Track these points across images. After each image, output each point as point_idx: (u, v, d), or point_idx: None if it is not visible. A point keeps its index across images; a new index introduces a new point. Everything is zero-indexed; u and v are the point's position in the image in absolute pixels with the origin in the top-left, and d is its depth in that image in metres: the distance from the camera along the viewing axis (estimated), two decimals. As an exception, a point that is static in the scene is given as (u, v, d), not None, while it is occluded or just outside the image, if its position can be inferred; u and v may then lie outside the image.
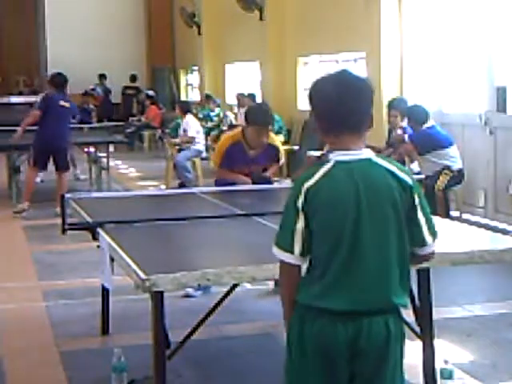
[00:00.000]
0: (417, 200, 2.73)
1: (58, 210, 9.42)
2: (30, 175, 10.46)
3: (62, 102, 10.35)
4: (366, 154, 2.72)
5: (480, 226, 7.08)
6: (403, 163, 9.08)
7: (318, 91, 2.77)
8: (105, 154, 12.35)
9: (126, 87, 22.55)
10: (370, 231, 2.65)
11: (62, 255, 7.91)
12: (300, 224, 2.68)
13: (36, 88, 23.84)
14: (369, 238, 2.65)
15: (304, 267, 2.74)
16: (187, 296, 6.16)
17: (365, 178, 2.67)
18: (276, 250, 2.76)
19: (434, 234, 2.81)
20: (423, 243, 2.79)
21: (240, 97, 15.05)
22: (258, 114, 6.04)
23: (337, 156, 2.70)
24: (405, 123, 8.98)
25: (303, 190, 2.67)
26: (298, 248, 2.69)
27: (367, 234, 2.65)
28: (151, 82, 23.95)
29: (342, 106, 2.69)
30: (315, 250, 2.70)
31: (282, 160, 6.36)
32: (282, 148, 6.51)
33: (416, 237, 2.76)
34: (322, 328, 2.67)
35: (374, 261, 2.66)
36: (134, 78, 22.61)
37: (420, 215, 2.74)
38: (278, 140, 6.49)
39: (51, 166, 10.54)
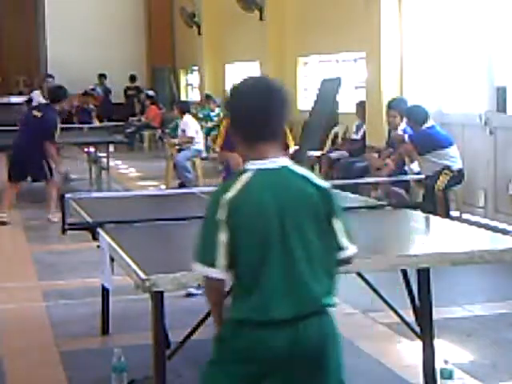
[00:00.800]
0: (335, 205, 2.72)
1: (51, 216, 9.55)
2: (7, 188, 10.13)
3: (34, 112, 10.16)
4: (283, 162, 2.71)
5: (480, 225, 7.07)
6: (403, 163, 9.09)
7: (236, 99, 2.75)
8: (105, 154, 12.35)
9: (128, 88, 22.55)
10: (296, 238, 2.64)
11: (62, 255, 7.91)
12: (223, 237, 2.62)
13: (36, 88, 23.80)
14: (296, 245, 2.63)
15: (229, 282, 2.69)
16: (189, 295, 6.15)
17: (285, 186, 2.66)
18: (199, 267, 2.68)
19: (351, 237, 2.77)
20: (341, 247, 2.75)
21: None
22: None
23: (255, 165, 2.68)
24: (404, 124, 8.98)
25: (224, 201, 2.62)
26: (222, 261, 2.63)
27: (294, 240, 2.63)
28: (151, 82, 23.95)
29: (261, 114, 2.67)
30: (242, 262, 2.64)
31: (292, 148, 6.29)
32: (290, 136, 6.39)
33: (335, 241, 2.73)
34: (261, 339, 2.63)
35: (304, 265, 2.64)
36: (133, 78, 22.60)
37: (338, 221, 2.72)
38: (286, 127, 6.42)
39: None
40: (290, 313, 2.63)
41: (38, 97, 16.54)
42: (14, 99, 19.31)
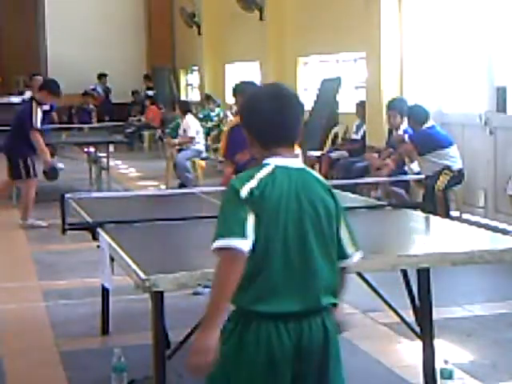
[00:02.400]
0: (341, 211, 2.79)
1: (31, 221, 9.51)
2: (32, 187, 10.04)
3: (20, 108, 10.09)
4: (300, 163, 2.78)
5: (480, 225, 7.07)
6: (403, 163, 9.09)
7: (253, 106, 2.78)
8: (105, 154, 12.35)
9: (148, 88, 22.61)
10: (311, 234, 2.69)
11: (62, 255, 7.91)
12: (248, 216, 2.60)
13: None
14: (310, 241, 2.68)
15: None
16: (196, 294, 6.13)
17: (303, 185, 2.71)
18: (220, 241, 2.59)
19: (356, 245, 2.83)
20: (345, 256, 2.80)
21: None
22: (250, 84, 6.14)
23: (275, 161, 2.72)
24: (405, 125, 8.98)
25: (246, 189, 2.63)
26: (249, 232, 2.59)
27: (309, 236, 2.68)
28: (151, 81, 23.94)
29: (280, 120, 2.72)
30: (258, 247, 2.63)
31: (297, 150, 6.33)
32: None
33: (342, 248, 2.79)
34: (268, 334, 2.63)
35: (314, 263, 2.68)
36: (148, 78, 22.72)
37: (343, 227, 2.79)
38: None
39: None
40: (291, 308, 2.65)
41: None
42: (14, 99, 19.27)
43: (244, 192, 2.62)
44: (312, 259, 2.68)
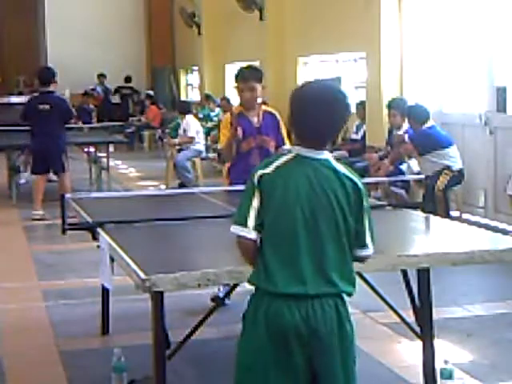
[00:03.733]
0: (365, 204, 2.89)
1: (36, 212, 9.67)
2: (36, 182, 10.30)
3: (40, 106, 10.14)
4: (327, 155, 2.89)
5: (480, 225, 7.08)
6: (400, 163, 9.09)
7: (290, 102, 2.97)
8: (105, 154, 12.35)
9: (120, 87, 22.50)
10: (321, 221, 2.81)
11: (62, 255, 7.91)
12: (255, 202, 2.85)
13: (36, 88, 23.79)
14: (321, 227, 2.81)
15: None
16: (214, 299, 5.91)
17: (317, 173, 2.84)
18: (232, 228, 2.90)
19: (373, 238, 2.97)
20: (364, 245, 2.94)
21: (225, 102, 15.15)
22: (242, 70, 6.19)
23: (299, 150, 2.88)
24: (405, 125, 8.98)
25: (259, 174, 2.86)
26: (251, 222, 2.85)
27: (319, 222, 2.81)
28: (151, 82, 23.95)
29: (304, 120, 2.89)
30: (266, 231, 2.84)
31: (284, 133, 6.32)
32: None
33: (359, 238, 2.91)
34: (276, 311, 2.79)
35: (323, 248, 2.82)
36: (128, 80, 22.57)
37: (366, 219, 2.90)
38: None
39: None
40: (304, 289, 2.78)
41: None
42: (14, 99, 19.27)
43: (256, 177, 2.85)
44: (321, 244, 2.81)
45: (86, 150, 13.21)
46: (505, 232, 7.39)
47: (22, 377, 4.85)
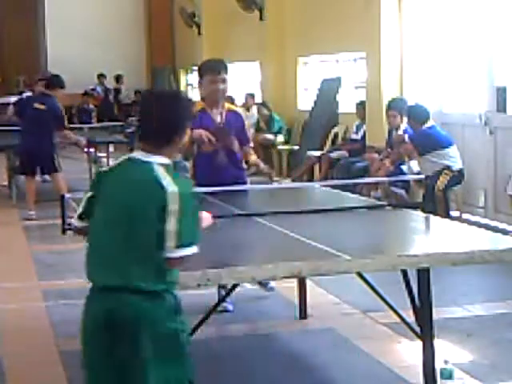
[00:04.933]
0: (172, 207, 2.97)
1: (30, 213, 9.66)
2: (27, 184, 10.26)
3: (36, 105, 10.12)
4: (157, 159, 3.06)
5: (480, 225, 7.09)
6: (400, 163, 9.09)
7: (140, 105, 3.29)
8: (105, 154, 12.36)
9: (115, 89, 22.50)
10: (119, 220, 3.01)
11: (62, 255, 7.91)
12: (89, 197, 3.16)
13: (36, 88, 23.78)
14: (117, 226, 3.01)
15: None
16: (224, 311, 5.76)
17: (126, 173, 3.08)
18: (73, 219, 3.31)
19: (180, 242, 3.00)
20: (164, 248, 3.01)
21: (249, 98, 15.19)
22: (212, 63, 5.99)
23: (134, 153, 3.13)
24: (405, 125, 8.98)
25: (98, 172, 3.24)
26: (78, 212, 3.22)
27: (116, 221, 3.02)
28: (151, 81, 23.95)
29: (141, 117, 3.17)
30: (91, 222, 3.13)
31: (249, 132, 6.27)
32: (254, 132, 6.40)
33: (163, 239, 2.99)
34: (89, 304, 3.08)
35: (117, 246, 3.01)
36: (117, 79, 22.57)
37: (171, 222, 2.97)
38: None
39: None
40: (106, 282, 3.01)
41: None
42: (14, 99, 19.27)
43: (96, 175, 3.23)
44: (116, 242, 3.00)
45: (85, 150, 13.20)
46: (505, 232, 7.39)
47: (21, 377, 4.85)
